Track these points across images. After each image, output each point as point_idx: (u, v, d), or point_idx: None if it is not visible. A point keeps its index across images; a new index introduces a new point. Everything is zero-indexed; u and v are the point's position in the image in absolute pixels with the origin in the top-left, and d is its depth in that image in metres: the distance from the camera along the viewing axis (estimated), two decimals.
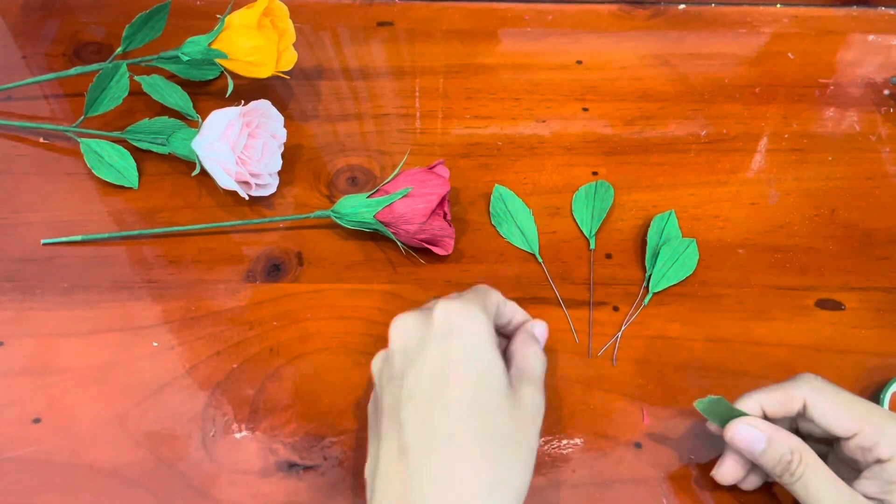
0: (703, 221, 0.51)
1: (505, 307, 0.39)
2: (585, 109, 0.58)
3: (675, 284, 0.48)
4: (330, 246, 0.50)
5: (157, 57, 0.54)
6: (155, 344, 0.45)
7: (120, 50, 0.54)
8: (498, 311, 0.39)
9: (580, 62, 0.61)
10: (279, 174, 0.52)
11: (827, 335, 0.46)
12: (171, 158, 0.53)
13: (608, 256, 0.50)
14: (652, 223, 0.50)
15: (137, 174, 0.52)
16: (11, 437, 0.42)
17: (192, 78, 0.57)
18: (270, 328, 0.46)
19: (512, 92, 0.58)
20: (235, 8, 0.52)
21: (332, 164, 0.54)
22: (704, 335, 0.46)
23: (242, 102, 0.49)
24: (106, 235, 0.49)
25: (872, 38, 0.63)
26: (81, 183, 0.52)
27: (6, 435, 0.42)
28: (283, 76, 0.55)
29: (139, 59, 0.55)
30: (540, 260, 0.49)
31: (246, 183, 0.49)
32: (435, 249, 0.48)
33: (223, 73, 0.55)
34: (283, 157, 0.52)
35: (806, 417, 0.38)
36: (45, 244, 0.49)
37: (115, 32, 0.62)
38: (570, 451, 0.42)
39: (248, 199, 0.50)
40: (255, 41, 0.51)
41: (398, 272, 0.48)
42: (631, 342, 0.46)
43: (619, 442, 0.42)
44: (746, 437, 0.37)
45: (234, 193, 0.51)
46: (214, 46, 0.51)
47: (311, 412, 0.43)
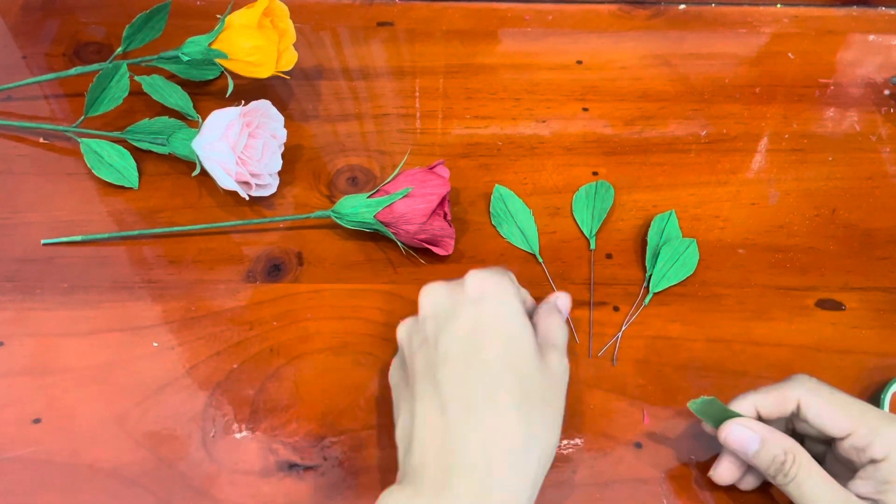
0: (703, 221, 0.51)
1: (519, 288, 0.42)
2: (585, 109, 0.58)
3: (675, 284, 0.48)
4: (330, 246, 0.50)
5: (157, 57, 0.54)
6: (155, 344, 0.45)
7: (120, 50, 0.54)
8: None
9: (580, 62, 0.61)
10: (279, 174, 0.52)
11: (827, 335, 0.46)
12: (171, 158, 0.53)
13: (608, 256, 0.50)
14: (652, 223, 0.50)
15: (137, 174, 0.52)
16: (11, 437, 0.42)
17: (192, 78, 0.57)
18: (270, 328, 0.46)
19: (512, 92, 0.58)
20: (235, 8, 0.52)
21: (332, 164, 0.54)
22: (705, 335, 0.46)
23: (242, 102, 0.49)
24: (106, 235, 0.49)
25: (872, 38, 0.63)
26: (81, 183, 0.52)
27: (6, 435, 0.42)
28: (283, 76, 0.55)
29: (139, 59, 0.55)
30: (540, 260, 0.49)
31: (246, 183, 0.49)
32: (435, 249, 0.48)
33: (223, 73, 0.55)
34: (283, 157, 0.52)
35: (800, 418, 0.38)
36: (45, 244, 0.49)
37: (115, 32, 0.62)
38: (570, 451, 0.42)
39: (248, 199, 0.50)
40: (255, 41, 0.51)
41: (398, 272, 0.48)
42: (631, 342, 0.46)
43: (619, 442, 0.42)
44: (740, 437, 0.37)
45: (234, 193, 0.51)
46: (214, 46, 0.51)
47: (311, 412, 0.43)
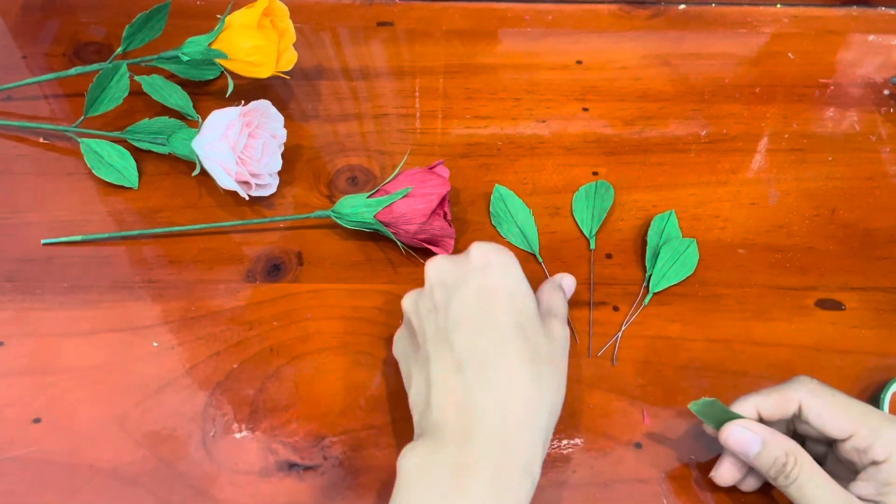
0: (703, 221, 0.51)
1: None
2: (585, 109, 0.58)
3: (675, 284, 0.48)
4: (330, 246, 0.50)
5: (157, 57, 0.54)
6: (155, 344, 0.45)
7: (120, 50, 0.54)
8: None
9: (580, 62, 0.61)
10: (279, 174, 0.52)
11: (827, 335, 0.46)
12: (171, 158, 0.53)
13: (608, 256, 0.50)
14: (652, 223, 0.50)
15: (137, 174, 0.52)
16: (11, 437, 0.42)
17: (192, 78, 0.57)
18: (270, 328, 0.46)
19: (512, 92, 0.58)
20: (235, 8, 0.52)
21: (332, 164, 0.54)
22: (704, 335, 0.46)
23: (242, 102, 0.49)
24: (106, 235, 0.49)
25: (872, 38, 0.63)
26: (81, 183, 0.52)
27: (6, 435, 0.42)
28: (283, 76, 0.54)
29: (139, 59, 0.55)
30: (540, 260, 0.49)
31: (246, 183, 0.49)
32: (435, 249, 0.48)
33: (223, 73, 0.55)
34: (283, 157, 0.52)
35: (802, 420, 0.38)
36: (45, 244, 0.49)
37: (115, 32, 0.62)
38: (570, 451, 0.42)
39: (248, 199, 0.50)
40: (255, 41, 0.51)
41: (398, 272, 0.48)
42: (631, 342, 0.46)
43: (619, 442, 0.42)
44: (741, 439, 0.37)
45: (234, 193, 0.51)
46: (214, 46, 0.51)
47: (311, 412, 0.43)
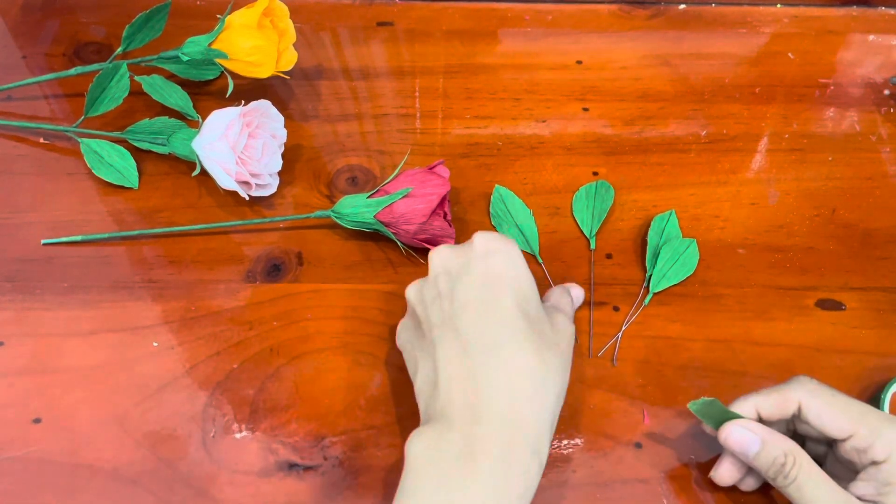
0: (703, 221, 0.51)
1: None
2: (585, 109, 0.58)
3: (675, 284, 0.48)
4: (330, 246, 0.50)
5: (157, 57, 0.54)
6: (155, 344, 0.45)
7: (120, 50, 0.54)
8: None
9: (580, 62, 0.61)
10: (279, 174, 0.52)
11: (827, 335, 0.46)
12: (171, 158, 0.53)
13: (608, 256, 0.50)
14: (652, 223, 0.50)
15: (137, 174, 0.52)
16: (11, 437, 0.42)
17: (192, 78, 0.57)
18: (270, 328, 0.46)
19: (512, 92, 0.58)
20: (235, 8, 0.52)
21: (332, 164, 0.54)
22: (705, 335, 0.46)
23: (242, 102, 0.49)
24: (106, 235, 0.49)
25: (872, 38, 0.63)
26: (81, 183, 0.52)
27: (6, 435, 0.42)
28: (283, 76, 0.54)
29: (139, 59, 0.55)
30: (540, 260, 0.49)
31: (246, 183, 0.49)
32: None
33: (223, 73, 0.55)
34: (283, 157, 0.52)
35: (802, 420, 0.38)
36: (45, 244, 0.49)
37: (115, 32, 0.62)
38: (570, 451, 0.42)
39: (248, 199, 0.50)
40: (255, 41, 0.51)
41: (398, 272, 0.48)
42: (631, 342, 0.46)
43: (619, 442, 0.42)
44: (740, 439, 0.37)
45: (234, 193, 0.51)
46: (214, 46, 0.51)
47: (311, 412, 0.43)
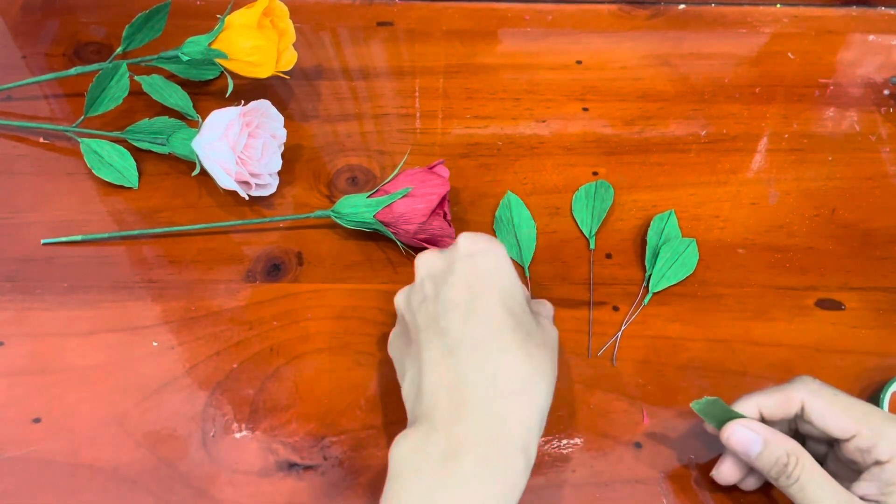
0: (703, 221, 0.51)
1: None
2: (585, 109, 0.58)
3: (675, 284, 0.48)
4: (330, 246, 0.50)
5: (157, 57, 0.54)
6: (155, 344, 0.45)
7: (120, 50, 0.54)
8: None
9: (580, 62, 0.61)
10: (279, 174, 0.52)
11: (827, 335, 0.46)
12: (171, 158, 0.53)
13: (608, 256, 0.50)
14: (652, 223, 0.50)
15: (137, 174, 0.52)
16: (11, 437, 0.42)
17: (192, 78, 0.57)
18: (270, 328, 0.46)
19: (512, 92, 0.58)
20: (235, 8, 0.52)
21: (332, 164, 0.54)
22: (704, 335, 0.46)
23: (242, 102, 0.49)
24: (106, 235, 0.49)
25: (872, 38, 0.63)
26: (81, 183, 0.52)
27: (6, 435, 0.42)
28: (283, 76, 0.54)
29: (139, 59, 0.55)
30: (528, 275, 0.48)
31: (246, 183, 0.49)
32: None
33: (223, 73, 0.55)
34: (283, 157, 0.52)
35: (804, 419, 0.38)
36: (45, 244, 0.49)
37: (115, 32, 0.62)
38: (570, 451, 0.42)
39: (248, 199, 0.50)
40: (255, 41, 0.51)
41: (398, 272, 0.48)
42: (631, 342, 0.46)
43: (619, 442, 0.42)
44: (742, 438, 0.37)
45: (234, 193, 0.51)
46: (214, 46, 0.51)
47: (311, 412, 0.43)
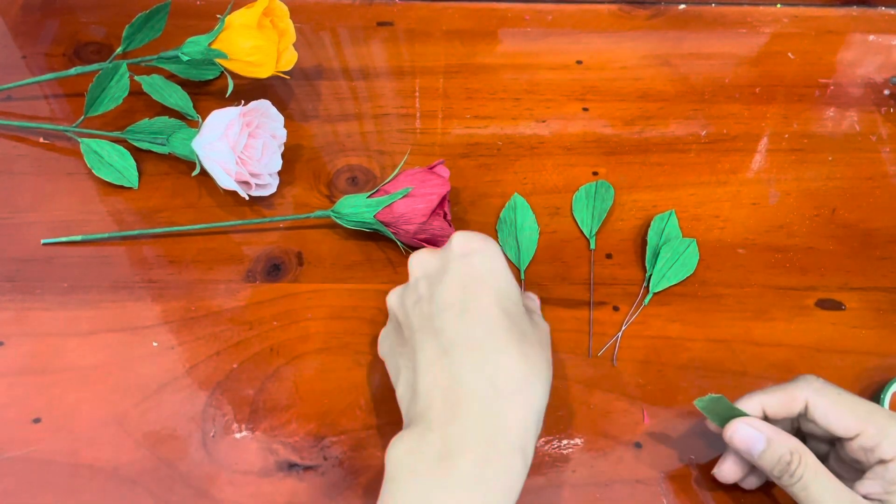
0: (703, 221, 0.51)
1: None
2: (585, 109, 0.58)
3: (675, 284, 0.48)
4: (330, 246, 0.50)
5: (157, 57, 0.54)
6: (155, 344, 0.45)
7: (120, 50, 0.54)
8: None
9: (580, 62, 0.61)
10: (279, 174, 0.52)
11: (827, 335, 0.46)
12: (171, 158, 0.53)
13: (608, 256, 0.50)
14: (652, 223, 0.50)
15: (137, 174, 0.52)
16: (11, 437, 0.42)
17: (192, 78, 0.57)
18: (270, 328, 0.46)
19: (512, 92, 0.58)
20: (235, 8, 0.52)
21: (332, 164, 0.54)
22: (704, 335, 0.46)
23: (242, 102, 0.49)
24: (106, 235, 0.49)
25: (872, 38, 0.63)
26: (81, 183, 0.52)
27: (6, 435, 0.42)
28: (283, 76, 0.54)
29: (139, 59, 0.55)
30: (522, 278, 0.48)
31: (246, 183, 0.49)
32: None
33: (223, 73, 0.55)
34: (283, 157, 0.52)
35: (807, 418, 0.38)
36: (45, 244, 0.49)
37: (115, 32, 0.62)
38: (570, 451, 0.42)
39: (248, 199, 0.50)
40: (255, 41, 0.51)
41: (398, 272, 0.48)
42: (631, 342, 0.46)
43: (619, 442, 0.42)
44: (745, 437, 0.37)
45: (234, 193, 0.51)
46: (214, 46, 0.51)
47: (311, 412, 0.43)
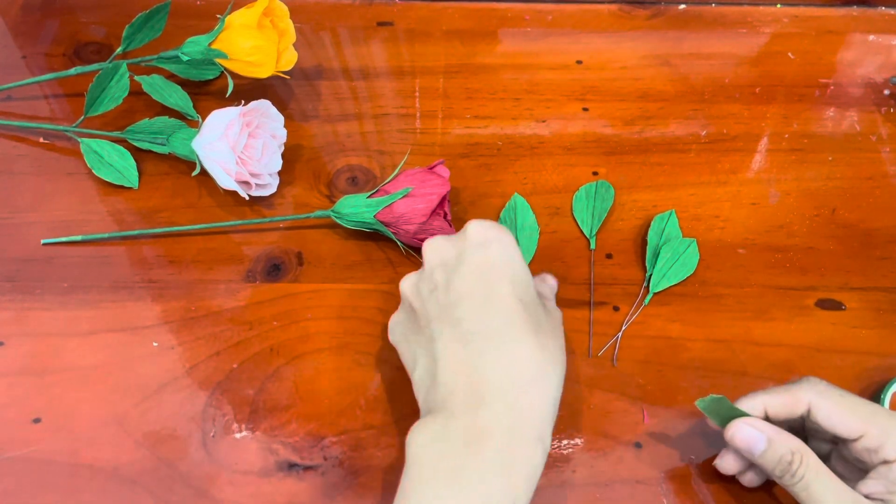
0: (703, 221, 0.51)
1: None
2: (585, 109, 0.58)
3: (675, 284, 0.48)
4: (330, 246, 0.50)
5: (157, 57, 0.54)
6: (155, 344, 0.45)
7: (120, 50, 0.54)
8: None
9: (580, 62, 0.61)
10: (279, 174, 0.52)
11: (827, 335, 0.46)
12: (171, 158, 0.53)
13: (608, 256, 0.50)
14: (652, 223, 0.50)
15: (137, 174, 0.52)
16: (11, 437, 0.42)
17: (192, 78, 0.57)
18: (270, 328, 0.46)
19: (512, 92, 0.58)
20: (235, 8, 0.52)
21: (332, 164, 0.54)
22: (705, 335, 0.46)
23: (242, 102, 0.49)
24: (106, 235, 0.49)
25: (872, 38, 0.63)
26: (81, 183, 0.52)
27: (6, 435, 0.42)
28: (283, 76, 0.54)
29: (139, 59, 0.55)
30: None
31: (246, 183, 0.49)
32: None
33: (223, 73, 0.55)
34: (283, 157, 0.52)
35: (811, 420, 0.38)
36: (45, 244, 0.49)
37: (115, 32, 0.62)
38: (570, 451, 0.42)
39: (248, 199, 0.50)
40: (255, 41, 0.51)
41: (398, 272, 0.48)
42: (631, 342, 0.46)
43: (619, 442, 0.42)
44: (746, 437, 0.37)
45: (234, 193, 0.51)
46: (214, 46, 0.51)
47: (311, 412, 0.43)
